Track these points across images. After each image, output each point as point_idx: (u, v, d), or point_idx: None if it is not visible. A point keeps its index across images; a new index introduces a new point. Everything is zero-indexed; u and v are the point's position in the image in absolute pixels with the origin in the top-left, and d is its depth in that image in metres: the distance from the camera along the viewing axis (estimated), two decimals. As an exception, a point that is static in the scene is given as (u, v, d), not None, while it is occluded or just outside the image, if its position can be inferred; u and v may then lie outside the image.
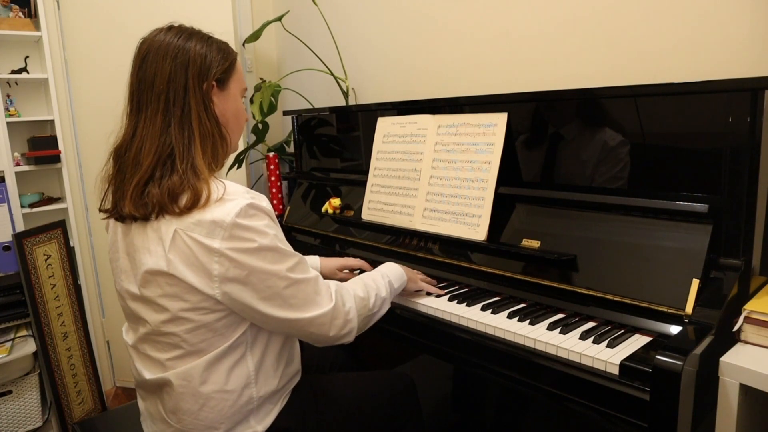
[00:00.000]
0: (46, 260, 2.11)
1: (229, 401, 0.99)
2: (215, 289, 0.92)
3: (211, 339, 0.96)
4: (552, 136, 1.34)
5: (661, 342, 0.98)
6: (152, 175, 0.94)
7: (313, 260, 1.49)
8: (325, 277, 1.48)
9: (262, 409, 1.04)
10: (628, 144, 1.19)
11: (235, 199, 0.92)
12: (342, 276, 1.49)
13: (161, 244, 0.92)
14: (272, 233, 0.94)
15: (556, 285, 1.19)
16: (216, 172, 1.01)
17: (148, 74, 0.97)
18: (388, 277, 1.22)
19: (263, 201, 0.96)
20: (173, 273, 0.91)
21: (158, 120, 0.96)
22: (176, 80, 0.96)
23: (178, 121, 0.96)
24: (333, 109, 2.00)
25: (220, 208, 0.90)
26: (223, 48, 1.04)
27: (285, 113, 2.26)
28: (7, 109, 2.23)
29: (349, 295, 1.07)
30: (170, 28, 1.02)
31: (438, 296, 1.31)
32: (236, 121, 1.08)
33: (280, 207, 2.21)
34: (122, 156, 0.98)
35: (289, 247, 0.98)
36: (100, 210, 1.04)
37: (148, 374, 1.02)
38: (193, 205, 0.91)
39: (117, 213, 0.99)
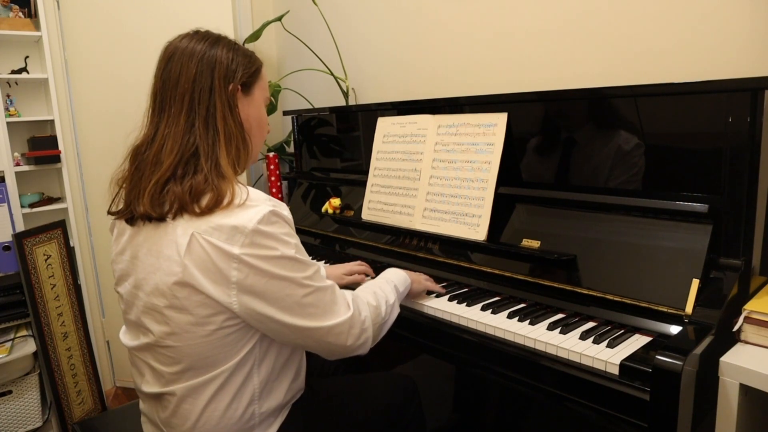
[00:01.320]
0: (46, 260, 2.11)
1: (232, 419, 0.96)
2: (232, 297, 0.89)
3: (215, 356, 0.93)
4: (552, 136, 1.34)
5: (661, 342, 0.98)
6: (174, 174, 0.92)
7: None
8: None
9: (264, 423, 1.02)
10: (628, 144, 1.19)
11: (257, 206, 0.89)
12: (348, 281, 1.47)
13: (176, 248, 0.89)
14: (293, 242, 0.92)
15: (556, 285, 1.19)
16: (238, 175, 0.99)
17: (172, 74, 0.96)
18: (393, 282, 1.20)
19: (284, 209, 0.93)
20: (187, 280, 0.88)
21: (182, 119, 0.94)
22: (202, 80, 0.95)
23: (203, 121, 0.94)
24: (333, 109, 2.00)
25: (242, 213, 0.88)
26: (249, 54, 1.03)
27: (285, 113, 2.26)
28: (7, 109, 2.23)
29: (364, 304, 1.05)
30: (196, 32, 1.01)
31: (439, 295, 1.31)
32: (259, 128, 1.06)
33: (280, 207, 2.21)
34: (141, 154, 0.96)
35: (307, 257, 0.96)
36: (109, 212, 1.02)
37: (147, 387, 1.00)
38: (215, 205, 0.88)
39: (129, 213, 0.96)
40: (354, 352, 1.03)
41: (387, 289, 1.17)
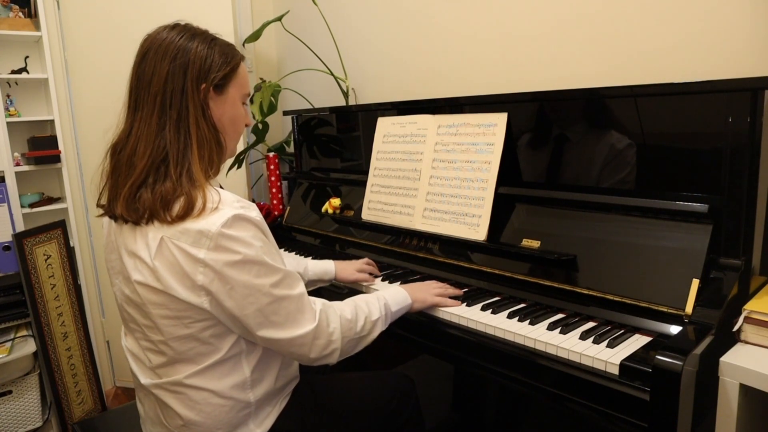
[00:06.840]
0: (46, 260, 2.11)
1: (226, 407, 0.98)
2: (202, 297, 0.90)
3: (199, 348, 0.95)
4: (552, 136, 1.34)
5: (661, 342, 0.98)
6: (145, 180, 0.92)
7: (328, 265, 1.45)
8: (345, 280, 1.45)
9: (261, 412, 1.03)
10: (628, 144, 1.19)
11: (223, 209, 0.90)
12: (359, 277, 1.44)
13: (147, 250, 0.91)
14: (258, 245, 0.92)
15: (556, 285, 1.19)
16: (213, 178, 0.99)
17: (146, 73, 0.96)
18: (384, 299, 1.16)
19: (252, 211, 0.93)
20: (158, 280, 0.90)
21: (153, 121, 0.94)
22: (173, 82, 0.95)
23: (174, 125, 0.94)
24: (333, 109, 2.00)
25: (209, 217, 0.89)
26: (226, 51, 1.01)
27: (285, 113, 2.26)
28: (7, 109, 2.23)
29: (335, 316, 1.03)
30: (175, 26, 1.00)
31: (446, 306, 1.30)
32: (233, 127, 1.05)
33: (280, 207, 2.21)
34: (118, 153, 0.97)
35: (276, 261, 0.95)
36: (98, 205, 1.03)
37: (143, 379, 1.02)
38: (186, 214, 0.89)
39: (111, 212, 0.98)
40: (319, 363, 1.02)
41: (374, 305, 1.13)
